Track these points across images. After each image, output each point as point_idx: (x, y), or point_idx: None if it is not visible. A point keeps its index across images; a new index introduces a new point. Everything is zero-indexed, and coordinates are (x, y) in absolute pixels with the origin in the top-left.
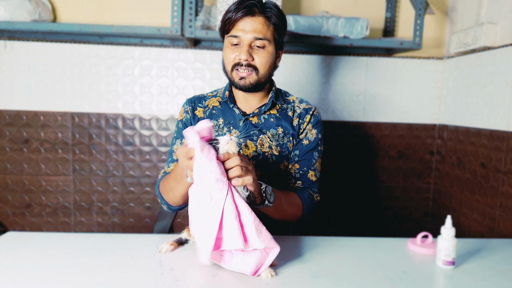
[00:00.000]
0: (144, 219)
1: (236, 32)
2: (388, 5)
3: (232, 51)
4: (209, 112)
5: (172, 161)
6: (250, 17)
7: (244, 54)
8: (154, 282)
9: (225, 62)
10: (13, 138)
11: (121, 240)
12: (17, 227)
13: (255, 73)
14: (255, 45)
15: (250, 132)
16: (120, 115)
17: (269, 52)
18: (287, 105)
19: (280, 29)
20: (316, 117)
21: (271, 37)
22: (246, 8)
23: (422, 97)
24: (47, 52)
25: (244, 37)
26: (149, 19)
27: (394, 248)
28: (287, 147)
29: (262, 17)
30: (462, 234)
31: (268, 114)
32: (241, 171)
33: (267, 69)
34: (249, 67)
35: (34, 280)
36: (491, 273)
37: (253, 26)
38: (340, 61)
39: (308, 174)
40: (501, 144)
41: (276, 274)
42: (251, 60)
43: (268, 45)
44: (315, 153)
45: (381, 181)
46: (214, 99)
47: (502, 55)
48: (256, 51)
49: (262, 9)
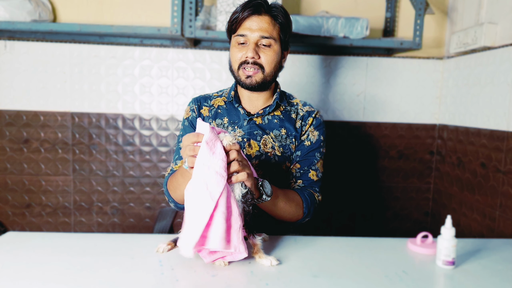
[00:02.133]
0: (144, 219)
1: (242, 31)
2: (388, 5)
3: (239, 50)
4: (214, 111)
5: (179, 158)
6: (257, 16)
7: (250, 52)
8: (154, 282)
9: (232, 61)
10: (13, 138)
11: (121, 240)
12: (17, 227)
13: (261, 72)
14: (261, 43)
15: (254, 132)
16: (120, 115)
17: (275, 50)
18: (291, 107)
19: (286, 29)
20: (318, 120)
21: (277, 36)
22: (252, 7)
23: (422, 97)
24: (47, 52)
25: (251, 35)
26: (149, 19)
27: (394, 248)
28: (290, 148)
29: (268, 16)
30: (462, 234)
31: (272, 115)
32: (238, 166)
33: (273, 67)
34: (255, 65)
35: (34, 280)
36: (491, 273)
37: (260, 25)
38: (340, 61)
39: (309, 173)
40: (501, 144)
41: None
42: (257, 58)
43: (274, 44)
44: (317, 153)
45: (381, 181)
46: (219, 99)
47: (502, 55)
48: (262, 50)
49: (268, 8)
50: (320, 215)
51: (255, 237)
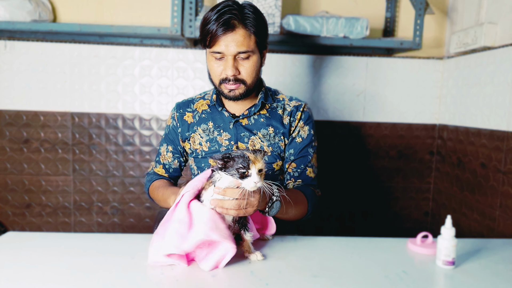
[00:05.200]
0: (144, 219)
1: (218, 48)
2: (388, 5)
3: (218, 65)
4: (199, 116)
5: (159, 162)
6: (231, 32)
7: (230, 70)
8: (154, 282)
9: (212, 75)
10: (13, 138)
11: (121, 240)
12: (17, 227)
13: (243, 85)
14: (240, 57)
15: (241, 134)
16: (120, 115)
17: (254, 61)
18: (277, 103)
19: (262, 34)
20: (306, 113)
21: (254, 46)
22: (225, 24)
23: (422, 97)
24: (47, 52)
25: (228, 51)
26: (149, 19)
27: (394, 248)
28: (279, 146)
29: (243, 29)
30: (462, 234)
31: (258, 114)
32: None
33: (254, 76)
34: (236, 81)
35: (34, 280)
36: (491, 273)
37: (235, 40)
38: (340, 61)
39: (306, 172)
40: (501, 144)
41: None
42: (237, 74)
43: (252, 55)
44: (310, 149)
45: (381, 181)
46: (202, 102)
47: (502, 55)
48: (241, 63)
49: (241, 19)
50: (320, 215)
51: (245, 233)
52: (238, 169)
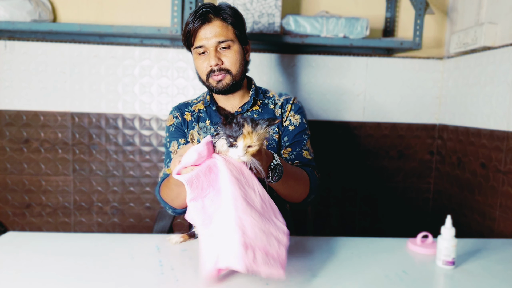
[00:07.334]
0: (144, 219)
1: (199, 42)
2: (388, 5)
3: (202, 60)
4: (196, 115)
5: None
6: (208, 24)
7: (213, 60)
8: (154, 282)
9: (200, 73)
10: (13, 138)
11: (121, 240)
12: (17, 227)
13: (229, 75)
14: (220, 47)
15: None
16: (120, 115)
17: (236, 50)
18: (268, 100)
19: (239, 26)
20: (296, 105)
21: (233, 36)
22: (201, 17)
23: (422, 97)
24: (47, 52)
25: (208, 43)
26: (149, 19)
27: (394, 248)
28: (274, 138)
29: (219, 20)
30: (462, 234)
31: (251, 111)
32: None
33: (238, 66)
34: (221, 71)
35: (34, 280)
36: (491, 273)
37: (213, 32)
38: (340, 61)
39: (302, 154)
40: (501, 144)
41: None
42: (221, 64)
43: (232, 44)
44: (304, 135)
45: (381, 181)
46: (199, 104)
47: (502, 55)
48: (223, 54)
49: (216, 13)
50: (320, 215)
51: None
52: (228, 136)
